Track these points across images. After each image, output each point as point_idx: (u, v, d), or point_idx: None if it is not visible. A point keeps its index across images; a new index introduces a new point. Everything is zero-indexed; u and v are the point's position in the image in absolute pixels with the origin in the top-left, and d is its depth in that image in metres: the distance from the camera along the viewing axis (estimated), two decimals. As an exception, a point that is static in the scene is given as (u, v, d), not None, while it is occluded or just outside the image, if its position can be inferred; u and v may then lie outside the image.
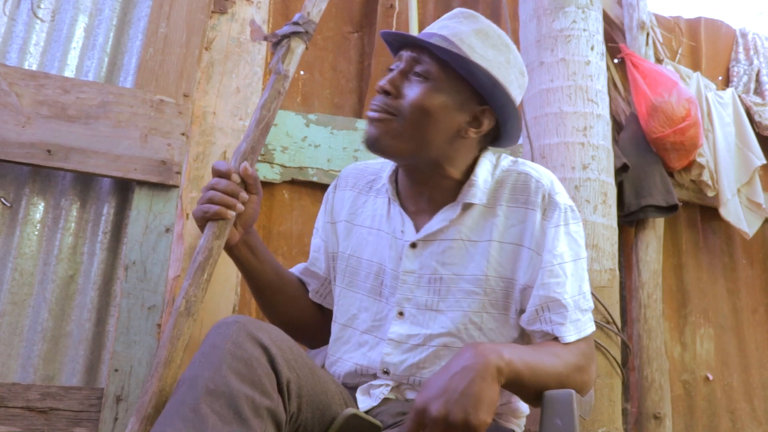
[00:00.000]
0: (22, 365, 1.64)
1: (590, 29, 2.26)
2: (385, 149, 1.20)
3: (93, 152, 1.68)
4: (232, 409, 0.91)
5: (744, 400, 2.81)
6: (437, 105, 1.18)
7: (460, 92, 1.20)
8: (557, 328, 1.16)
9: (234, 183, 1.22)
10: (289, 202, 2.18)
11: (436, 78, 1.19)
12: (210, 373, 0.94)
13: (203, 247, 1.19)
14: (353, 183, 1.40)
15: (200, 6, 1.90)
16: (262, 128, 1.29)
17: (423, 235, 1.24)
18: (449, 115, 1.20)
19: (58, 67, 1.82)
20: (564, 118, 2.15)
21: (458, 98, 1.20)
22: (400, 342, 1.22)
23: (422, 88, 1.18)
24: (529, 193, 1.21)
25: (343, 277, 1.34)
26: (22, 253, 1.69)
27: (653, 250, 2.57)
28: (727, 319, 2.88)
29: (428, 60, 1.19)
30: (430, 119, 1.18)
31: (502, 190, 1.23)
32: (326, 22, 2.44)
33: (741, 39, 3.22)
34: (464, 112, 1.21)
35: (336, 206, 1.41)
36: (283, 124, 2.16)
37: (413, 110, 1.18)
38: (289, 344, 1.04)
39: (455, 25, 1.23)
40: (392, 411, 1.18)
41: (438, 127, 1.19)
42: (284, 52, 1.34)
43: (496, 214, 1.22)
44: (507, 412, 1.27)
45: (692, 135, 2.54)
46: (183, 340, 1.13)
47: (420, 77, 1.19)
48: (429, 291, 1.22)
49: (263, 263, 1.35)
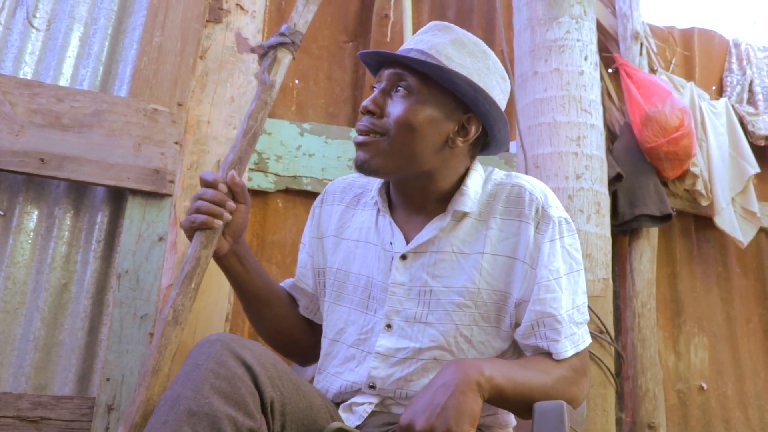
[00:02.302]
0: (14, 374, 1.63)
1: (584, 39, 2.27)
2: (377, 170, 1.20)
3: (86, 161, 1.68)
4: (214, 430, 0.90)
5: (738, 409, 2.81)
6: (422, 119, 1.18)
7: (444, 103, 1.20)
8: (552, 345, 1.17)
9: (221, 192, 1.22)
10: (283, 211, 2.18)
11: (418, 92, 1.19)
12: (192, 393, 0.93)
13: (191, 257, 1.19)
14: (340, 197, 1.40)
15: (195, 15, 1.91)
16: (249, 138, 1.30)
17: (413, 247, 1.23)
18: (435, 127, 1.20)
19: (53, 75, 1.83)
20: (558, 127, 2.16)
21: (443, 109, 1.20)
22: (387, 356, 1.21)
23: (405, 103, 1.19)
24: (523, 206, 1.20)
25: (331, 292, 1.34)
26: (15, 261, 1.69)
27: (647, 259, 2.58)
28: (721, 328, 2.89)
29: (408, 75, 1.19)
30: (416, 134, 1.18)
31: (496, 202, 1.23)
32: (321, 31, 2.45)
33: (734, 49, 3.24)
34: (450, 122, 1.21)
35: (323, 221, 1.40)
36: (277, 133, 2.16)
37: (399, 127, 1.18)
38: (273, 361, 1.03)
39: (430, 38, 1.23)
40: (377, 423, 1.17)
41: (426, 141, 1.19)
42: (270, 62, 1.35)
43: (489, 227, 1.21)
44: (493, 424, 1.26)
45: (686, 145, 2.55)
46: (171, 349, 1.13)
47: (402, 93, 1.20)
48: (418, 303, 1.21)
49: (252, 273, 1.34)
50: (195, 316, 1.74)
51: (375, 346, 1.22)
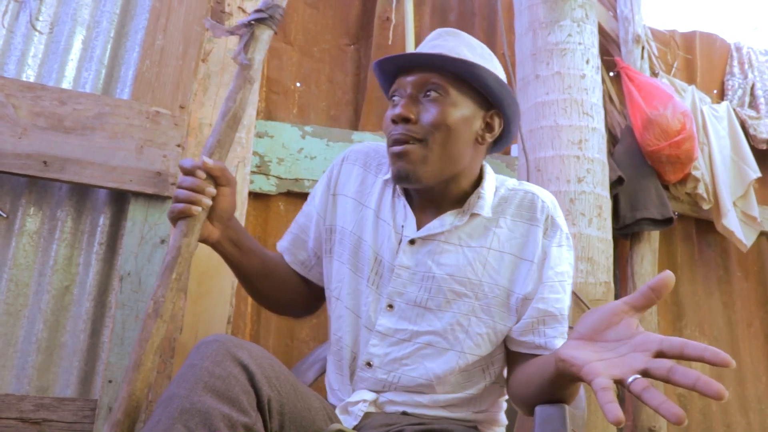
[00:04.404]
0: (16, 376, 1.63)
1: (585, 43, 2.28)
2: (420, 179, 1.19)
3: (89, 163, 1.69)
4: (208, 427, 0.90)
5: (739, 413, 2.81)
6: (457, 119, 1.19)
7: (472, 101, 1.22)
8: (550, 342, 1.19)
9: (200, 179, 1.18)
10: (285, 213, 2.18)
11: (449, 93, 1.19)
12: (186, 392, 0.93)
13: (172, 247, 1.16)
14: (363, 161, 1.38)
15: (197, 18, 1.91)
16: (228, 120, 1.24)
17: (423, 234, 1.24)
18: (468, 125, 1.21)
19: (55, 78, 1.83)
20: (559, 131, 2.16)
21: (471, 108, 1.22)
22: (386, 335, 1.23)
23: (439, 106, 1.18)
24: (535, 211, 1.24)
25: (341, 253, 1.32)
26: (18, 263, 1.69)
27: (648, 262, 2.58)
28: (722, 332, 2.89)
29: (437, 77, 1.19)
30: (453, 134, 1.19)
31: (507, 205, 1.26)
32: (323, 34, 2.45)
33: (736, 53, 3.24)
34: (478, 119, 1.23)
35: (342, 179, 1.38)
36: (279, 136, 2.16)
37: (438, 131, 1.18)
38: (270, 362, 1.04)
39: (443, 43, 1.24)
40: (375, 424, 1.18)
41: (462, 140, 1.21)
42: (248, 40, 1.27)
43: (499, 225, 1.24)
44: (485, 420, 1.28)
45: (687, 148, 2.56)
46: (152, 343, 1.09)
47: (433, 96, 1.19)
48: (421, 288, 1.22)
49: (248, 255, 1.32)
50: (197, 319, 1.74)
51: (376, 325, 1.24)
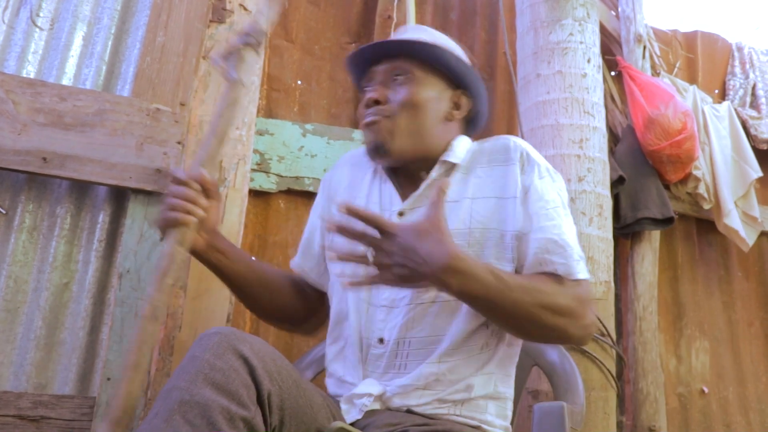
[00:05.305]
0: (15, 373, 1.63)
1: (587, 42, 2.27)
2: (391, 150, 1.29)
3: (88, 160, 1.68)
4: (206, 419, 0.91)
5: (739, 413, 2.80)
6: (425, 98, 1.31)
7: (439, 82, 1.34)
8: (560, 267, 1.18)
9: (193, 190, 1.24)
10: (285, 211, 2.18)
11: (416, 75, 1.31)
12: (185, 384, 0.94)
13: (166, 253, 1.20)
14: (352, 162, 1.48)
15: (198, 15, 1.91)
16: (219, 135, 1.32)
17: (409, 203, 1.31)
18: (435, 104, 1.32)
19: (56, 75, 1.83)
20: (560, 130, 2.16)
21: (438, 87, 1.34)
22: (390, 306, 1.25)
23: (407, 87, 1.30)
24: (508, 152, 1.29)
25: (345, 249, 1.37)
26: (17, 260, 1.69)
27: (649, 262, 2.57)
28: (722, 332, 2.88)
29: (404, 62, 1.32)
30: (420, 111, 1.30)
31: (481, 155, 1.33)
32: (324, 32, 2.45)
33: (737, 53, 3.24)
34: (445, 99, 1.35)
35: (334, 184, 1.48)
36: (279, 134, 2.16)
37: (406, 108, 1.29)
38: (272, 356, 1.04)
39: (411, 34, 1.37)
40: (379, 423, 1.18)
41: (429, 117, 1.31)
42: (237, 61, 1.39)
43: (476, 175, 1.30)
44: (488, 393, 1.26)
45: (688, 148, 2.55)
46: (149, 344, 1.15)
47: (401, 80, 1.31)
48: None
49: (236, 263, 1.37)
50: (196, 317, 1.74)
51: (380, 299, 1.26)
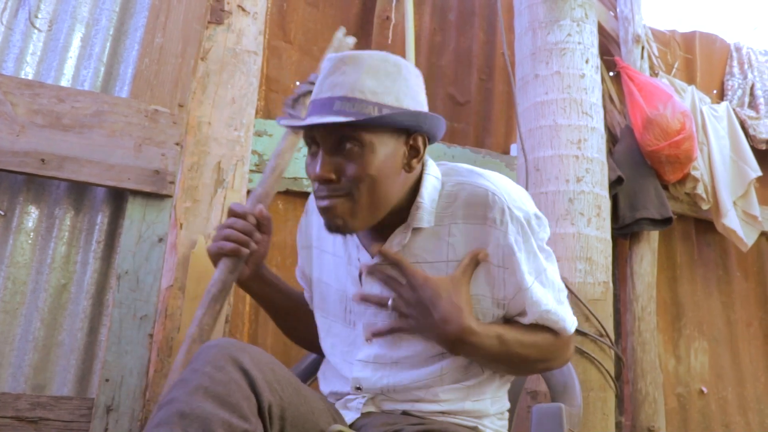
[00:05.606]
0: (13, 374, 1.63)
1: (585, 42, 2.27)
2: (353, 228, 1.16)
3: (87, 161, 1.68)
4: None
5: (738, 413, 2.80)
6: (379, 164, 1.13)
7: (390, 137, 1.15)
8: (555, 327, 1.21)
9: (250, 224, 1.31)
10: (284, 212, 2.18)
11: (365, 141, 1.12)
12: (186, 396, 0.94)
13: (217, 280, 1.30)
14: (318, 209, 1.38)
15: (196, 16, 1.91)
16: (276, 175, 1.45)
17: (378, 261, 1.21)
18: (392, 161, 1.15)
19: (54, 76, 1.83)
20: (558, 130, 2.16)
21: (391, 143, 1.15)
22: (368, 362, 1.25)
23: (360, 158, 1.12)
24: (486, 209, 1.15)
25: (319, 302, 1.39)
26: (15, 261, 1.69)
27: (647, 262, 2.58)
28: (721, 332, 2.89)
29: (349, 129, 1.12)
30: (378, 181, 1.14)
31: (456, 206, 1.19)
32: (322, 33, 2.45)
33: (735, 53, 3.24)
34: (400, 149, 1.17)
35: (305, 231, 1.46)
36: (278, 135, 2.16)
37: (362, 182, 1.13)
38: (272, 366, 1.04)
39: (344, 78, 1.14)
40: (376, 423, 1.18)
41: (388, 182, 1.15)
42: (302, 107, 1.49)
43: (452, 233, 1.18)
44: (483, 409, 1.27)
45: (687, 148, 2.56)
46: None
47: (350, 151, 1.13)
48: (392, 314, 1.21)
49: (277, 293, 1.45)
50: (194, 317, 1.74)
51: (357, 355, 1.26)
